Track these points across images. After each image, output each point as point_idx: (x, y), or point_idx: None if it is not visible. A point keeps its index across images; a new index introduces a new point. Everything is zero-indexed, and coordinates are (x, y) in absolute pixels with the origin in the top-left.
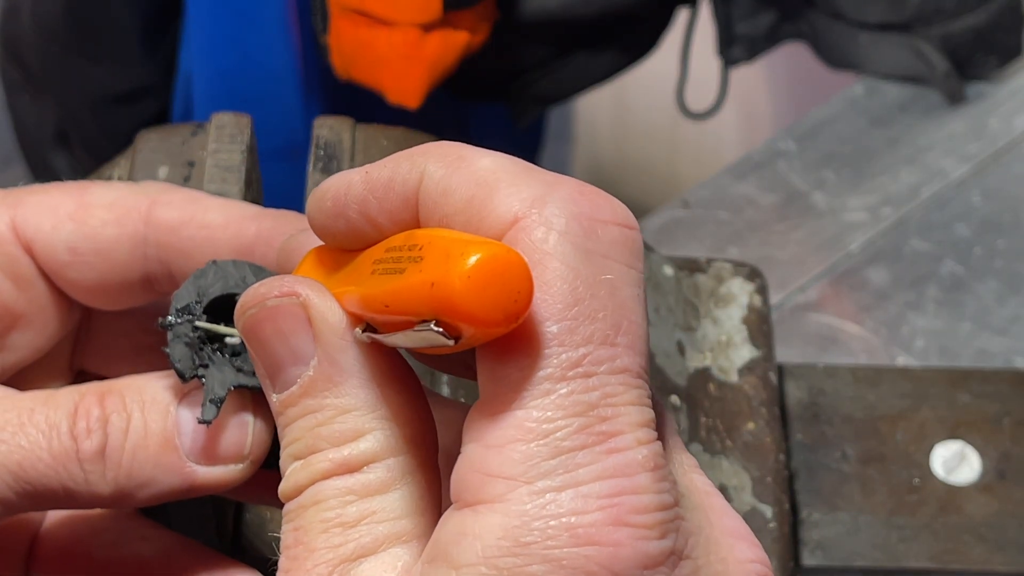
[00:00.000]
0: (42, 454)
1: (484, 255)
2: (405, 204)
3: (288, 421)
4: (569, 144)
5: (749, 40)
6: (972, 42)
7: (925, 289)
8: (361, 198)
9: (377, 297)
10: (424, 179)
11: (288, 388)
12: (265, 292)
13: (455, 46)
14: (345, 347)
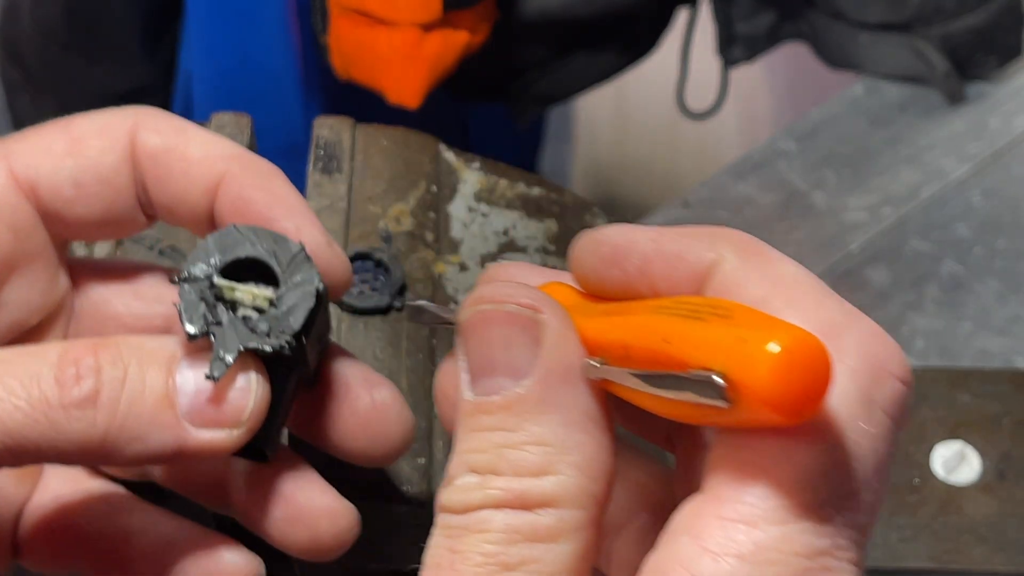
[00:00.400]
0: (19, 403)
1: (811, 339)
2: (691, 279)
3: (476, 427)
4: (569, 144)
5: (749, 40)
6: (972, 42)
7: (925, 289)
8: (646, 257)
9: (657, 329)
10: (721, 264)
11: (489, 394)
12: (507, 295)
13: (455, 46)
14: (567, 381)
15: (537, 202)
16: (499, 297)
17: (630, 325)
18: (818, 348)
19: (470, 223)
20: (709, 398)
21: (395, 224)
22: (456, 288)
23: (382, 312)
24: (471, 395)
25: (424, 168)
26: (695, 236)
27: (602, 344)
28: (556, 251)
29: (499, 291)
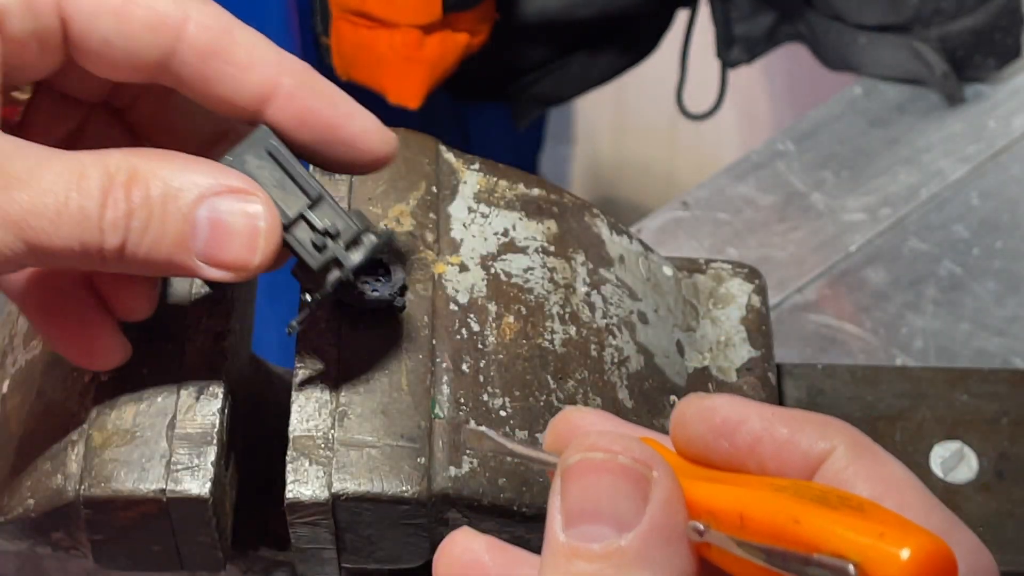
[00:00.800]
0: (74, 244)
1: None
2: (802, 466)
3: (571, 571)
4: (569, 144)
5: (748, 41)
6: (971, 43)
7: (924, 289)
8: (757, 437)
9: (786, 510)
10: (832, 458)
11: (588, 541)
12: (623, 447)
13: (455, 47)
14: (669, 541)
15: (537, 202)
16: (614, 448)
17: (751, 498)
18: (950, 559)
19: (470, 223)
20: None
21: (395, 224)
22: (456, 289)
23: (384, 311)
24: (564, 538)
25: (424, 169)
26: (807, 423)
27: (711, 510)
28: (556, 251)
29: (613, 442)
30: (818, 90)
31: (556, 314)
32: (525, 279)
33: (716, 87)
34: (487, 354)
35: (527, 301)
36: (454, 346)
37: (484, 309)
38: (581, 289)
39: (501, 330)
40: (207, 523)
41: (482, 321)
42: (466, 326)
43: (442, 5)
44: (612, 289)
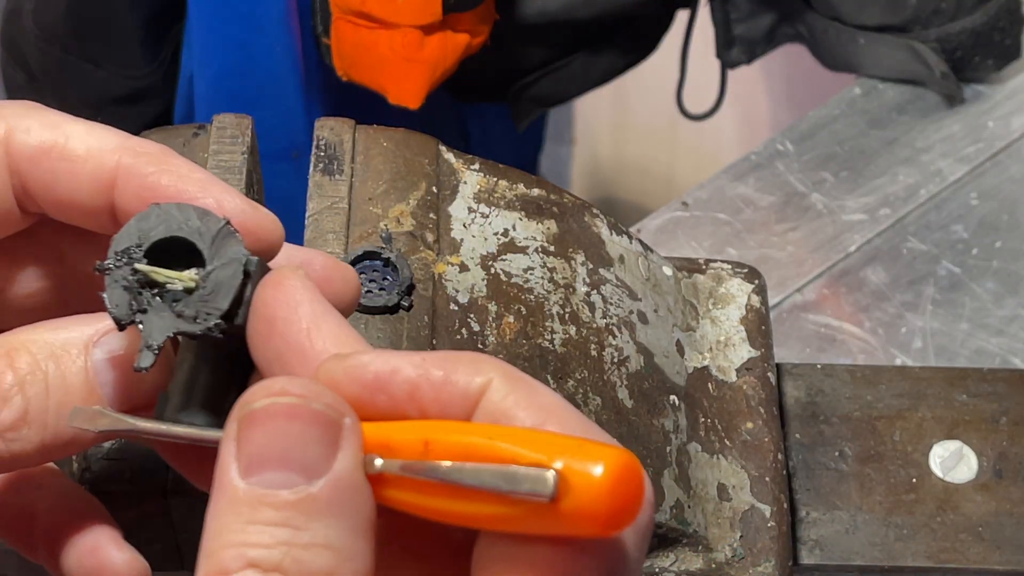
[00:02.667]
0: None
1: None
2: (462, 403)
3: (257, 519)
4: (569, 145)
5: (748, 42)
6: (970, 44)
7: (923, 289)
8: (413, 383)
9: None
10: (490, 390)
11: (274, 487)
12: (316, 392)
13: (455, 48)
14: (357, 488)
15: (537, 203)
16: (305, 393)
17: (436, 426)
18: (641, 472)
19: (470, 224)
20: (536, 487)
21: (395, 225)
22: (456, 288)
23: (390, 311)
24: (244, 485)
25: (424, 169)
26: (459, 362)
27: (387, 443)
28: (556, 251)
29: (307, 386)
30: (818, 90)
31: (556, 314)
32: (525, 279)
33: (716, 87)
34: (487, 354)
35: (527, 301)
36: (454, 346)
37: (484, 309)
38: (581, 289)
39: (501, 330)
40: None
41: (482, 321)
42: (466, 326)
43: (442, 5)
44: (612, 289)
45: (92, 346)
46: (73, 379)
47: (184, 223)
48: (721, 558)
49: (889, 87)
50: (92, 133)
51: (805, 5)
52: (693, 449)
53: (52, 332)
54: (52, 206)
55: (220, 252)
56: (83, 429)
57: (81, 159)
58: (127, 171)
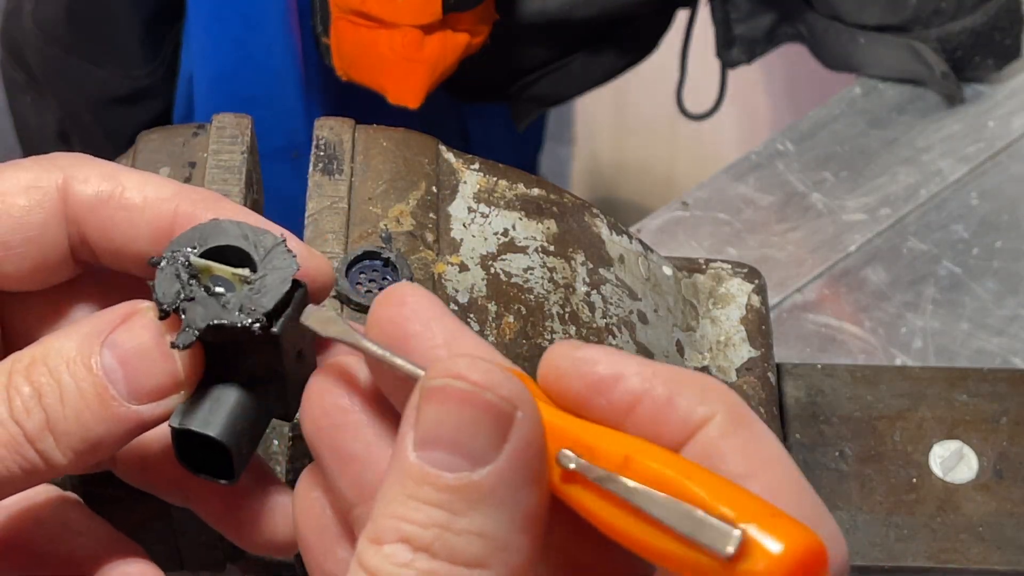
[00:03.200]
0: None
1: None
2: (678, 430)
3: (419, 496)
4: (569, 144)
5: (748, 41)
6: (970, 44)
7: (923, 289)
8: (635, 395)
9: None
10: (711, 425)
11: (440, 467)
12: (492, 382)
13: (455, 47)
14: (522, 481)
15: (537, 203)
16: (481, 381)
17: (641, 444)
18: (825, 562)
19: (470, 223)
20: (712, 544)
21: (395, 224)
22: (456, 288)
23: None
24: (415, 457)
25: (424, 169)
26: (687, 384)
27: (591, 445)
28: (556, 251)
29: (483, 374)
30: (818, 90)
31: (556, 314)
32: (525, 279)
33: (716, 87)
34: None
35: (527, 301)
36: None
37: (484, 309)
38: (581, 289)
39: (501, 330)
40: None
41: (482, 321)
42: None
43: (442, 5)
44: (612, 289)
45: (100, 348)
46: (85, 384)
47: (241, 236)
48: None
49: (889, 87)
50: (148, 182)
51: (805, 5)
52: None
53: (63, 339)
54: (108, 254)
55: (272, 263)
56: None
57: (139, 208)
58: (185, 218)
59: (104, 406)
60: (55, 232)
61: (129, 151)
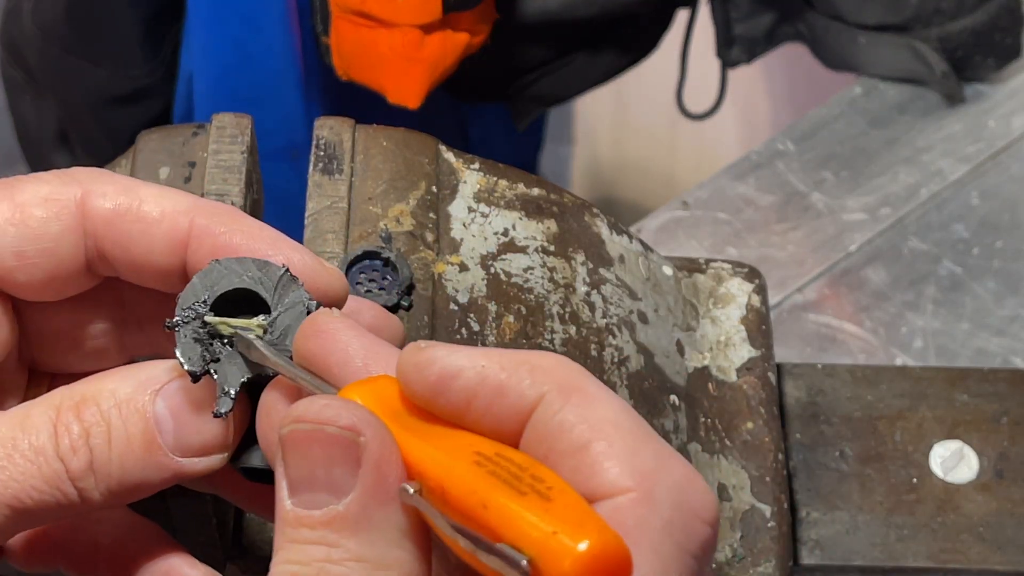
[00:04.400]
0: (36, 482)
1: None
2: (515, 415)
3: (297, 538)
4: (569, 144)
5: (748, 41)
6: (970, 43)
7: (923, 289)
8: (471, 389)
9: (478, 492)
10: (542, 405)
11: (310, 508)
12: (328, 417)
13: (455, 47)
14: (385, 500)
15: (537, 202)
16: (321, 418)
17: (452, 471)
18: (623, 555)
19: (470, 223)
20: (513, 572)
21: (395, 224)
22: (456, 288)
23: (390, 311)
24: (290, 504)
25: (424, 168)
26: (518, 370)
27: (422, 473)
28: (556, 251)
29: (321, 412)
30: (818, 90)
31: (556, 314)
32: (525, 279)
33: (716, 87)
34: None
35: (527, 301)
36: None
37: (484, 309)
38: (581, 289)
39: (501, 330)
40: (207, 522)
41: (482, 321)
42: (466, 326)
43: (442, 5)
44: (612, 289)
45: (154, 397)
46: (134, 429)
47: (245, 274)
48: (721, 558)
49: (890, 86)
50: (165, 196)
51: (805, 4)
52: (693, 449)
53: (118, 382)
54: (126, 267)
55: (283, 298)
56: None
57: (156, 221)
58: (200, 231)
59: (149, 453)
60: (72, 244)
61: (129, 151)
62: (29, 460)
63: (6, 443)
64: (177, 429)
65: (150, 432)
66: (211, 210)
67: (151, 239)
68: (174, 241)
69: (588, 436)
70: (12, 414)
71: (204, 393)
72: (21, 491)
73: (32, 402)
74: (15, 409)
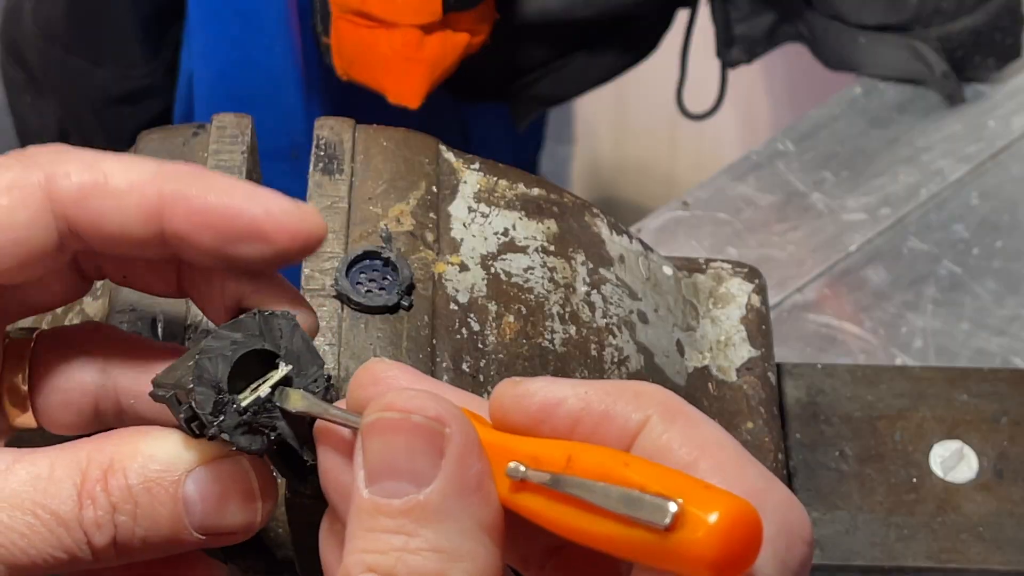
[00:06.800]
0: (54, 551)
1: (756, 515)
2: (620, 439)
3: (374, 527)
4: (569, 144)
5: (748, 41)
6: (970, 43)
7: (923, 289)
8: (574, 415)
9: (617, 455)
10: (648, 427)
11: (389, 496)
12: (417, 406)
13: (455, 47)
14: (465, 492)
15: (537, 202)
16: (408, 406)
17: (580, 446)
18: (759, 522)
19: (470, 223)
20: (653, 517)
21: (395, 224)
22: (456, 288)
23: (390, 311)
24: (367, 493)
25: (424, 168)
26: (622, 396)
27: (534, 454)
28: (556, 251)
29: (408, 400)
30: (818, 90)
31: (556, 313)
32: (525, 279)
33: (716, 87)
34: (487, 354)
35: (527, 301)
36: (454, 346)
37: (484, 309)
38: (581, 289)
39: (501, 329)
40: None
41: (482, 321)
42: (466, 326)
43: (442, 5)
44: (612, 289)
45: (185, 477)
46: (162, 510)
47: (244, 342)
48: None
49: (890, 86)
50: (130, 166)
51: (805, 4)
52: None
53: (150, 450)
54: (102, 242)
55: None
56: (288, 411)
57: (125, 193)
58: (172, 197)
59: (173, 531)
60: (42, 229)
61: (129, 151)
62: (50, 530)
63: (26, 508)
64: (205, 512)
65: (178, 514)
66: (179, 174)
67: (123, 214)
68: (147, 211)
69: (696, 455)
70: (34, 468)
71: (233, 473)
72: (38, 556)
73: (57, 453)
74: (38, 459)
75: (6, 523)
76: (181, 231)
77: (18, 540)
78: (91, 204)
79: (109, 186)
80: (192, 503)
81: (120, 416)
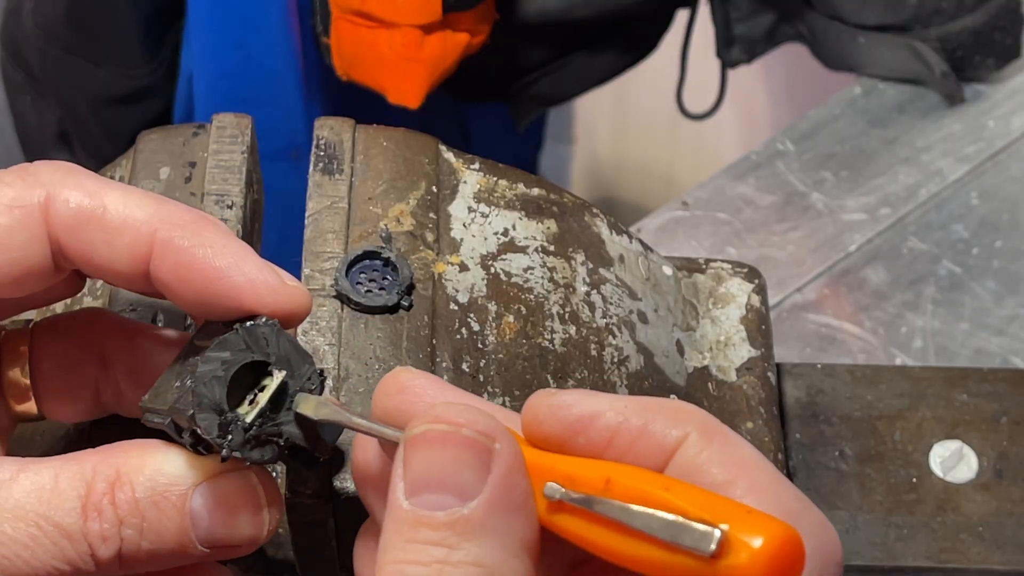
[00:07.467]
0: (58, 563)
1: (800, 541)
2: (657, 455)
3: (415, 538)
4: (569, 144)
5: (748, 41)
6: (970, 43)
7: (923, 289)
8: (612, 429)
9: (656, 479)
10: (686, 444)
11: (431, 508)
12: (467, 420)
13: (455, 47)
14: (510, 509)
15: (537, 202)
16: (458, 420)
17: (619, 467)
18: (802, 548)
19: (470, 223)
20: (695, 545)
21: (395, 224)
22: (456, 288)
23: (390, 311)
24: (408, 505)
25: (424, 168)
26: (660, 412)
27: (572, 475)
28: (556, 251)
29: (458, 414)
30: (818, 90)
31: (556, 313)
32: (525, 279)
33: (716, 87)
34: (487, 354)
35: (527, 301)
36: (454, 346)
37: (484, 309)
38: (581, 289)
39: (501, 329)
40: None
41: (482, 321)
42: (466, 326)
43: (442, 5)
44: (612, 289)
45: (192, 491)
46: (169, 524)
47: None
48: None
49: (889, 86)
50: (129, 201)
51: (805, 4)
52: None
53: (157, 463)
54: (90, 270)
55: (274, 349)
56: (304, 416)
57: (118, 231)
58: (163, 245)
59: (179, 545)
60: (38, 250)
61: (129, 151)
62: (54, 542)
63: (30, 520)
64: (211, 527)
65: (185, 528)
66: (176, 221)
67: (113, 249)
68: (136, 252)
69: (733, 475)
70: (38, 479)
71: (241, 487)
72: (41, 568)
73: (61, 464)
74: (42, 469)
75: (9, 534)
76: (165, 279)
77: (21, 552)
78: (83, 234)
79: (104, 220)
80: (199, 517)
81: (121, 401)
